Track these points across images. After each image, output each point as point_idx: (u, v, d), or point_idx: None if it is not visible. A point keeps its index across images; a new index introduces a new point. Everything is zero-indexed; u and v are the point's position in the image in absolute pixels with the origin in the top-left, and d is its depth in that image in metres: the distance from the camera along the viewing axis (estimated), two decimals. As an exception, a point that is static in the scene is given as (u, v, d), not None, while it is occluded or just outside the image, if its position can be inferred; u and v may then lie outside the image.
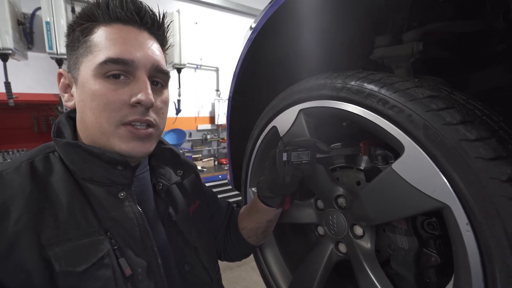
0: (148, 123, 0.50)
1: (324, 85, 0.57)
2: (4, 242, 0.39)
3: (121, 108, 0.47)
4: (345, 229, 0.63)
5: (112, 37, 0.48)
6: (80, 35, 0.49)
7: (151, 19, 0.52)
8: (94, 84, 0.47)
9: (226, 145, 3.91)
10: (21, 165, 0.47)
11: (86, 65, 0.48)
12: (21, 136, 2.55)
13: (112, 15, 0.48)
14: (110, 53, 0.46)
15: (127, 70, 0.48)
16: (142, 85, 0.48)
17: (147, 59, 0.49)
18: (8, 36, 1.91)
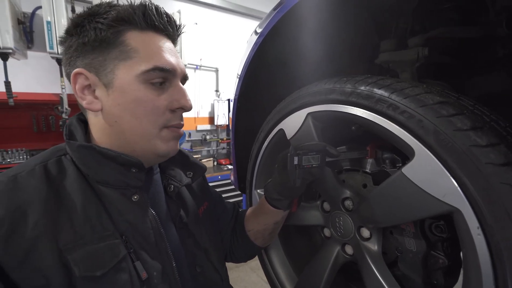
0: (182, 126, 0.56)
1: (333, 90, 0.58)
2: (22, 246, 0.39)
3: (164, 113, 0.51)
4: (352, 231, 0.63)
5: (155, 46, 0.50)
6: (112, 37, 0.48)
7: (172, 28, 0.55)
8: (139, 90, 0.49)
9: (225, 145, 3.92)
10: (34, 168, 0.46)
11: (126, 70, 0.48)
12: (20, 135, 2.53)
13: (150, 22, 0.50)
14: (158, 62, 0.49)
15: (168, 77, 0.51)
16: (183, 92, 0.54)
17: (182, 68, 0.54)
18: (9, 35, 1.90)
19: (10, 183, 0.43)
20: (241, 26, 3.98)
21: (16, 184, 0.43)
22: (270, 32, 0.73)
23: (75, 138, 0.52)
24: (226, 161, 3.71)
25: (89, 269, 0.42)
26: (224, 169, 3.44)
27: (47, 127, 2.60)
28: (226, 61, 3.83)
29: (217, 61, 3.76)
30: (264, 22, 0.77)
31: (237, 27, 3.94)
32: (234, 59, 3.87)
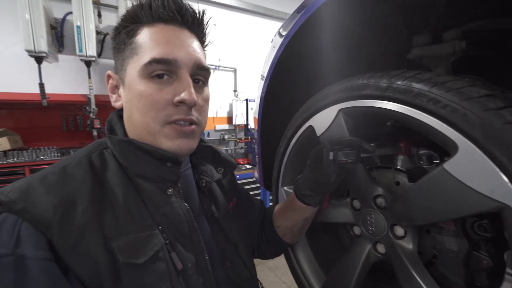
0: (191, 121, 0.51)
1: (367, 85, 0.57)
2: (73, 232, 0.41)
3: (165, 108, 0.49)
4: (384, 229, 0.62)
5: (155, 37, 0.49)
6: (126, 37, 0.51)
7: (191, 17, 0.52)
8: (140, 85, 0.48)
9: (243, 145, 3.95)
10: (81, 160, 0.49)
11: (132, 66, 0.50)
12: (51, 134, 2.67)
13: (155, 15, 0.49)
14: (154, 53, 0.47)
15: (170, 69, 0.49)
16: (186, 84, 0.49)
17: (189, 58, 0.50)
18: (43, 40, 2.02)
19: (61, 174, 0.46)
20: (259, 27, 4.00)
21: (66, 175, 0.46)
22: (295, 34, 0.74)
23: (115, 132, 0.54)
24: (244, 160, 3.74)
25: (131, 257, 0.43)
26: (243, 168, 3.46)
27: (75, 126, 2.73)
28: (245, 61, 3.85)
29: (235, 62, 3.80)
30: (289, 24, 0.78)
31: (255, 28, 3.96)
32: (252, 59, 3.89)
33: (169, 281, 0.46)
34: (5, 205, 0.40)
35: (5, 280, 0.35)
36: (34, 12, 1.98)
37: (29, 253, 0.37)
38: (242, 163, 3.66)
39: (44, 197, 0.42)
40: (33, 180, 0.44)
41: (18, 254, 0.37)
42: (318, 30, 0.74)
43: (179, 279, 0.48)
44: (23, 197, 0.41)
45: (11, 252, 0.37)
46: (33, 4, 1.97)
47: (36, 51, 2.02)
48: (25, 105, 2.39)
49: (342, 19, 0.71)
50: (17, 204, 0.40)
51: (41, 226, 0.39)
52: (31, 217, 0.39)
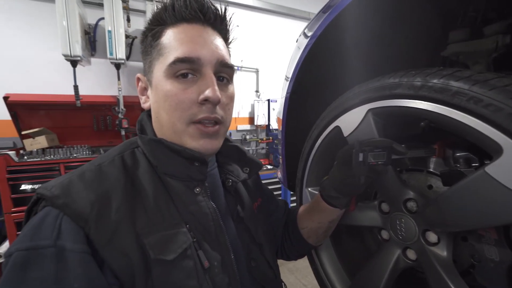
0: (215, 120, 0.51)
1: (399, 84, 0.55)
2: (108, 227, 0.43)
3: (190, 107, 0.49)
4: (415, 235, 0.59)
5: (179, 37, 0.49)
6: (152, 40, 0.52)
7: (214, 14, 0.52)
8: (165, 85, 0.49)
9: (264, 145, 3.95)
10: (114, 159, 0.51)
11: (158, 67, 0.51)
12: (82, 133, 2.81)
13: (178, 15, 0.50)
14: (178, 53, 0.48)
15: (194, 68, 0.49)
16: (209, 82, 0.49)
17: (212, 55, 0.50)
18: (78, 44, 2.14)
19: (97, 171, 0.48)
20: (282, 27, 3.98)
21: (101, 173, 0.48)
22: (321, 34, 0.73)
23: (146, 132, 0.56)
24: (265, 161, 3.74)
25: (161, 253, 0.44)
26: (264, 169, 3.46)
27: (104, 126, 2.86)
28: (267, 61, 3.85)
29: (257, 62, 3.81)
30: (314, 24, 0.77)
31: (277, 28, 3.94)
32: (274, 59, 3.88)
33: (196, 279, 0.47)
34: (48, 199, 0.42)
35: (47, 269, 0.37)
36: (70, 19, 2.11)
37: (69, 246, 0.39)
38: (263, 164, 3.66)
39: (83, 193, 0.44)
40: (73, 177, 0.46)
41: (59, 246, 0.39)
42: (345, 29, 0.72)
43: (205, 277, 0.48)
44: (65, 193, 0.43)
45: (53, 244, 0.39)
46: (70, 12, 2.10)
47: (72, 55, 2.15)
48: (61, 106, 2.54)
49: (370, 17, 0.69)
50: (59, 199, 0.42)
51: (80, 221, 0.41)
52: (71, 212, 0.41)
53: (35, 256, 0.38)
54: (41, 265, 0.38)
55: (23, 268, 0.37)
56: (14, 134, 2.44)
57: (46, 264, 0.38)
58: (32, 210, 0.46)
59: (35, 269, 0.37)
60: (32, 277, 0.37)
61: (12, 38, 2.56)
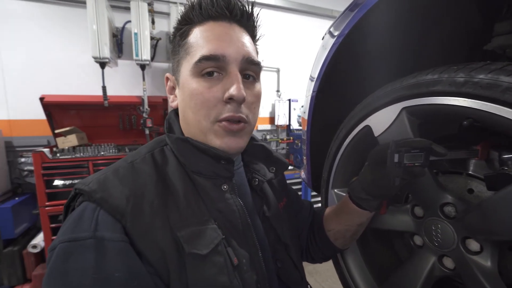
0: (240, 119, 0.50)
1: (438, 81, 0.51)
2: (144, 222, 0.43)
3: (215, 106, 0.49)
4: (453, 242, 0.56)
5: (205, 35, 0.49)
6: (180, 39, 0.53)
7: (240, 11, 0.51)
8: (191, 83, 0.49)
9: (284, 145, 3.91)
10: (145, 156, 0.52)
11: (185, 66, 0.51)
12: (109, 132, 2.93)
13: (204, 14, 0.50)
14: (203, 51, 0.48)
15: (220, 66, 0.48)
16: (234, 80, 0.48)
17: (238, 52, 0.49)
18: (106, 47, 2.23)
19: (130, 168, 0.49)
20: (303, 25, 3.92)
21: (134, 170, 0.49)
22: (349, 33, 0.71)
23: (173, 131, 0.56)
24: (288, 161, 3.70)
25: (196, 247, 0.44)
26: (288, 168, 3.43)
27: (129, 125, 2.96)
28: (288, 61, 3.82)
29: (278, 62, 3.78)
30: (341, 23, 0.75)
31: (299, 26, 3.89)
32: (296, 58, 3.83)
33: (227, 275, 0.46)
34: (86, 194, 0.44)
35: (88, 259, 0.38)
36: (100, 23, 2.20)
37: (107, 236, 0.40)
38: (286, 164, 3.63)
39: (118, 188, 0.45)
40: (108, 173, 0.47)
41: (98, 237, 0.40)
42: (374, 27, 0.69)
43: (235, 274, 0.48)
44: (101, 188, 0.44)
45: (92, 235, 0.40)
46: (100, 16, 2.20)
47: (101, 57, 2.24)
48: (90, 106, 2.67)
49: (402, 12, 0.66)
50: (96, 193, 0.43)
51: (116, 214, 0.42)
52: (108, 206, 0.43)
53: (75, 248, 0.39)
54: (82, 256, 0.39)
55: (65, 260, 0.38)
56: (48, 133, 2.59)
57: (86, 255, 0.39)
58: (70, 205, 0.48)
59: (76, 260, 0.38)
60: (73, 268, 0.38)
61: (47, 43, 2.72)
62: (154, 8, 2.79)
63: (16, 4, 2.61)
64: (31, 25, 2.67)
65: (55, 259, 0.39)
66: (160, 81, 3.21)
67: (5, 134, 2.63)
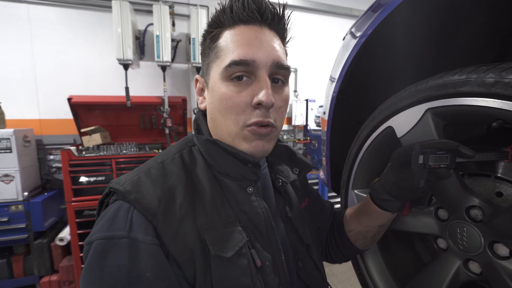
0: (268, 124, 0.50)
1: (466, 81, 0.50)
2: (174, 223, 0.45)
3: (244, 110, 0.49)
4: (480, 246, 0.54)
5: (235, 39, 0.49)
6: (210, 42, 0.53)
7: (272, 14, 0.51)
8: (221, 87, 0.50)
9: (301, 146, 3.90)
10: (174, 157, 0.53)
11: (215, 69, 0.51)
12: (131, 131, 3.04)
13: (235, 17, 0.50)
14: (233, 56, 0.48)
15: (249, 70, 0.48)
16: (263, 84, 0.48)
17: (268, 57, 0.49)
18: (130, 49, 2.32)
19: (161, 169, 0.51)
20: (322, 24, 3.88)
21: (165, 170, 0.51)
22: (372, 34, 0.70)
23: (202, 132, 0.57)
24: (301, 161, 3.68)
25: (220, 250, 0.45)
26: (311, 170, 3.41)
27: (150, 124, 3.06)
28: (305, 61, 3.80)
29: (296, 61, 3.77)
30: (363, 24, 0.74)
31: (317, 26, 3.86)
32: (313, 58, 3.80)
33: (250, 277, 0.47)
34: (121, 194, 0.46)
35: (123, 257, 0.41)
36: (124, 26, 2.29)
37: (140, 237, 0.42)
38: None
39: (151, 189, 0.47)
40: (141, 174, 0.49)
41: (132, 237, 0.42)
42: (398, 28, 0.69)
43: (258, 276, 0.49)
44: (135, 189, 0.46)
45: (126, 235, 0.42)
46: (124, 20, 2.29)
47: (124, 59, 2.34)
48: (113, 106, 2.78)
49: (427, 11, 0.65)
50: (130, 194, 0.45)
51: (149, 215, 0.44)
52: (141, 207, 0.44)
53: (111, 245, 0.41)
54: (117, 254, 0.41)
55: (103, 256, 0.41)
56: (75, 132, 2.73)
57: (121, 253, 0.41)
58: (104, 201, 0.50)
59: (112, 257, 0.41)
60: (109, 264, 0.40)
61: (75, 46, 2.88)
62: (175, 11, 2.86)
63: (49, 11, 2.79)
64: (62, 30, 2.83)
65: (92, 254, 0.41)
66: (180, 82, 3.29)
67: (36, 133, 2.80)
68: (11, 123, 2.56)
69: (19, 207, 2.33)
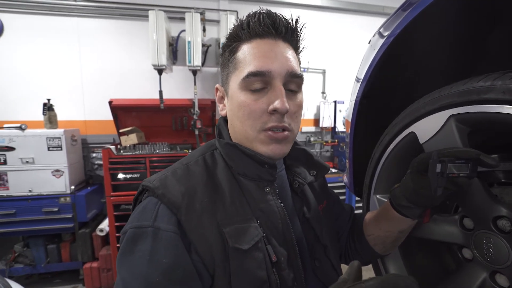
0: (283, 128, 0.54)
1: (491, 88, 0.49)
2: (195, 217, 0.50)
3: (261, 116, 0.53)
4: (508, 259, 0.52)
5: (252, 52, 0.54)
6: (229, 55, 0.58)
7: (285, 27, 0.55)
8: (239, 96, 0.55)
9: (329, 148, 3.84)
10: (198, 159, 0.59)
11: (234, 79, 0.56)
12: (163, 132, 3.22)
13: (252, 32, 0.54)
14: (251, 67, 0.53)
15: (265, 80, 0.53)
16: (278, 93, 0.52)
17: (282, 68, 0.53)
18: (164, 55, 2.47)
19: (186, 169, 0.57)
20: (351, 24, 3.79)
21: (189, 171, 0.56)
22: (400, 34, 0.69)
23: (223, 136, 0.63)
24: (330, 164, 3.62)
25: (237, 242, 0.50)
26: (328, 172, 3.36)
27: (181, 126, 3.22)
28: (334, 61, 3.73)
29: (324, 63, 3.72)
30: (392, 23, 0.73)
31: (346, 26, 3.78)
32: (342, 59, 3.73)
33: (265, 270, 0.51)
34: (151, 190, 0.53)
35: (147, 243, 0.47)
36: (159, 33, 2.45)
37: (163, 226, 0.48)
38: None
39: (176, 186, 0.53)
40: (168, 173, 0.56)
41: (155, 226, 0.48)
42: (429, 28, 0.67)
43: (273, 270, 0.52)
44: (163, 185, 0.52)
45: (151, 224, 0.48)
46: (159, 27, 2.45)
47: (159, 64, 2.49)
48: (148, 108, 2.98)
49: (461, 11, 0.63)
50: (158, 190, 0.51)
51: (173, 208, 0.50)
52: (167, 201, 0.50)
53: (140, 234, 0.48)
54: (144, 240, 0.47)
55: (133, 242, 0.48)
56: (114, 132, 2.96)
57: (147, 240, 0.47)
58: (138, 198, 0.57)
59: (140, 243, 0.47)
60: (137, 249, 0.47)
61: (116, 53, 3.14)
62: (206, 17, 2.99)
63: (95, 22, 3.08)
64: (104, 39, 3.10)
65: (126, 241, 0.49)
66: (209, 85, 3.42)
67: (81, 133, 3.09)
68: (61, 124, 2.85)
69: (67, 199, 2.59)
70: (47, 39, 2.97)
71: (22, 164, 2.51)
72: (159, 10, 2.48)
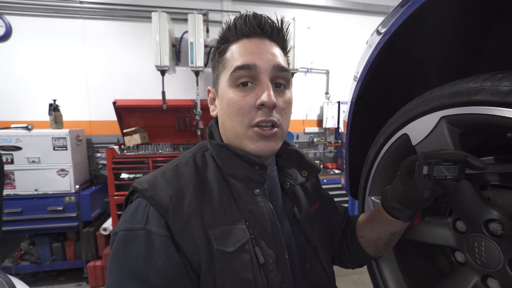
0: (272, 123, 0.54)
1: (480, 89, 0.49)
2: (182, 219, 0.50)
3: (249, 112, 0.54)
4: (499, 262, 0.52)
5: (239, 50, 0.55)
6: (218, 56, 0.59)
7: (271, 27, 0.57)
8: (228, 93, 0.55)
9: (332, 149, 3.82)
10: (188, 160, 0.60)
11: (222, 79, 0.57)
12: (166, 132, 3.24)
13: (239, 33, 0.56)
14: (237, 63, 0.54)
15: (252, 75, 0.54)
16: (265, 87, 0.53)
17: (268, 62, 0.54)
18: (167, 56, 2.50)
19: (175, 171, 0.57)
20: (355, 24, 3.76)
21: (178, 172, 0.57)
22: (396, 31, 0.68)
23: (214, 137, 0.63)
24: (332, 165, 3.60)
25: (223, 245, 0.50)
26: (331, 173, 3.34)
27: (184, 126, 3.24)
28: (338, 62, 3.71)
29: (328, 63, 3.70)
30: (389, 20, 0.72)
31: (350, 26, 3.75)
32: (346, 59, 3.71)
33: (251, 272, 0.51)
34: (140, 192, 0.53)
35: (140, 246, 0.48)
36: (162, 34, 2.48)
37: (154, 230, 0.49)
38: (330, 168, 3.53)
39: (164, 188, 0.53)
40: (157, 175, 0.56)
41: (147, 229, 0.48)
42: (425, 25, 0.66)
43: (260, 271, 0.52)
44: (152, 187, 0.53)
45: (143, 227, 0.48)
46: (162, 29, 2.48)
47: (161, 65, 2.52)
48: (151, 109, 3.00)
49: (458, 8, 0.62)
50: (147, 192, 0.52)
51: (161, 210, 0.50)
52: (155, 203, 0.51)
53: (132, 236, 0.48)
54: (136, 243, 0.48)
55: (125, 244, 0.48)
56: (118, 132, 3.00)
57: (139, 243, 0.48)
58: (129, 199, 0.58)
59: (132, 246, 0.48)
60: (130, 252, 0.47)
61: (119, 54, 3.18)
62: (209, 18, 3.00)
63: (100, 24, 3.12)
64: (109, 40, 3.14)
65: (117, 243, 0.48)
66: (212, 86, 3.43)
67: (86, 133, 3.13)
68: (66, 124, 2.90)
69: (72, 198, 2.63)
70: (53, 41, 3.02)
71: (28, 163, 2.55)
72: (163, 11, 2.50)
